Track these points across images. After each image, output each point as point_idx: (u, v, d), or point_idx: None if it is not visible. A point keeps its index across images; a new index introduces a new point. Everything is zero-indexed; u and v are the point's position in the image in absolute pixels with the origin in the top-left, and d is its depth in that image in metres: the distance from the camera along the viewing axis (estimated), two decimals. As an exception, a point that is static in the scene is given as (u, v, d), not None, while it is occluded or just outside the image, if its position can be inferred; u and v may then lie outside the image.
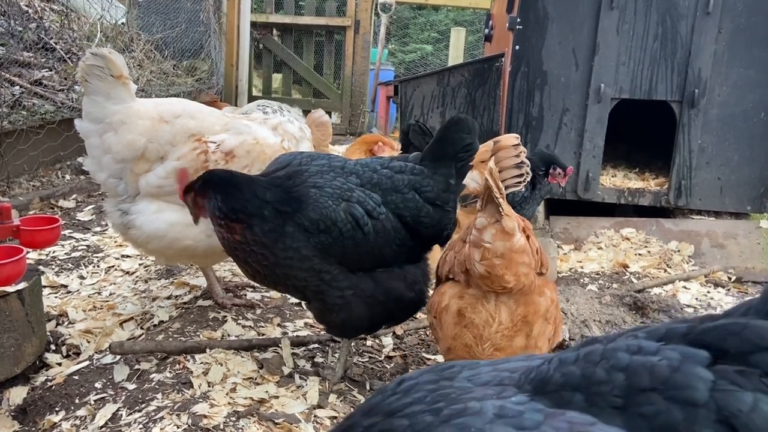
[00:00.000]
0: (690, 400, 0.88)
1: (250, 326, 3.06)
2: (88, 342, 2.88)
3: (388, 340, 3.10)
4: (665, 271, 4.43)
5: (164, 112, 2.97)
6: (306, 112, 4.18)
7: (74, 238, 4.21)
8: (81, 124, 2.92)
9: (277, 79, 11.23)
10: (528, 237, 2.21)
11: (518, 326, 2.23)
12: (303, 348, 2.91)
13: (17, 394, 2.50)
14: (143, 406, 2.31)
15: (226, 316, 3.10)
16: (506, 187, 3.12)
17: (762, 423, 0.84)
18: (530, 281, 2.18)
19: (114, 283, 3.53)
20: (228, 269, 3.78)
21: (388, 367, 2.87)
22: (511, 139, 3.34)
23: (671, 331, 0.96)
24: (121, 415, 2.28)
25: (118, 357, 2.69)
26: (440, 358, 3.00)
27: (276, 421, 2.21)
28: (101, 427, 2.23)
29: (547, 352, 2.41)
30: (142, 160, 2.90)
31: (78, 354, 2.81)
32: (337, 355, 2.75)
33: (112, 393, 2.45)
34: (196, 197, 2.47)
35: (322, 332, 2.95)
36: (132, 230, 2.96)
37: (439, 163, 2.47)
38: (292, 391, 2.46)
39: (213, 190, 2.39)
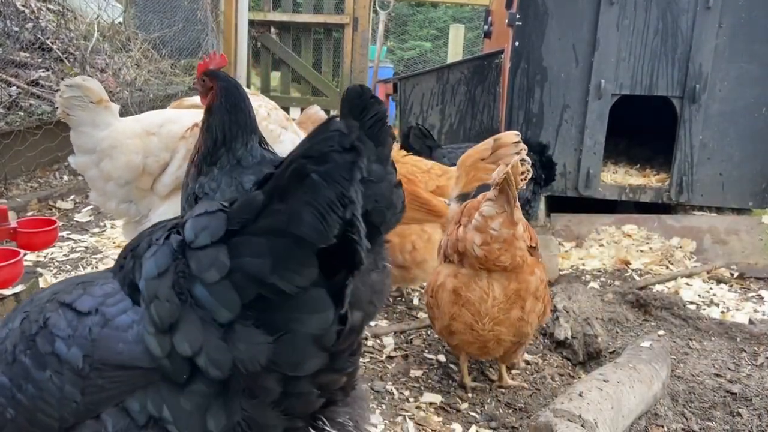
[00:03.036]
0: (138, 255, 1.20)
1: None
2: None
3: (389, 340, 3.08)
4: (667, 267, 4.41)
5: (148, 126, 3.01)
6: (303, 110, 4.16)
7: (72, 239, 4.18)
8: (76, 159, 2.93)
9: (275, 77, 11.18)
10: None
11: (512, 299, 2.43)
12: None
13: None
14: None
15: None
16: None
17: (147, 270, 1.13)
18: (523, 261, 2.40)
19: (113, 285, 3.51)
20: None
21: (390, 367, 2.85)
22: (511, 136, 3.31)
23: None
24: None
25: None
26: (442, 358, 2.98)
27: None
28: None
29: (534, 328, 2.58)
30: (145, 175, 2.93)
31: (77, 357, 2.79)
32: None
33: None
34: (211, 80, 2.53)
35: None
36: None
37: None
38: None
39: (223, 95, 2.43)
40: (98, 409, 1.14)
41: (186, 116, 3.14)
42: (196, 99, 3.53)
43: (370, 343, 3.03)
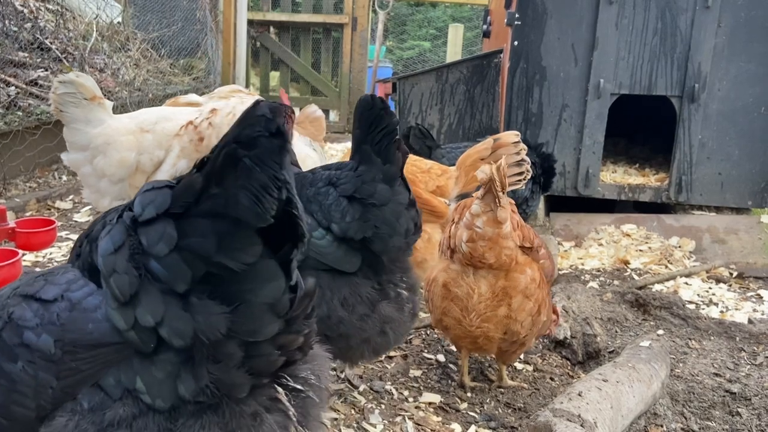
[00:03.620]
0: (94, 238, 1.23)
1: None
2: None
3: (388, 340, 3.08)
4: (666, 267, 4.41)
5: (143, 123, 3.00)
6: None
7: (71, 239, 4.18)
8: (69, 156, 2.93)
9: (274, 77, 11.18)
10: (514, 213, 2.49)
11: (500, 297, 2.46)
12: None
13: (14, 399, 2.47)
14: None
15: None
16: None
17: (103, 247, 1.16)
18: (511, 260, 2.42)
19: (111, 285, 3.50)
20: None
21: (389, 367, 2.85)
22: (511, 136, 3.31)
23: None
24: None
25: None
26: (441, 358, 2.98)
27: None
28: None
29: (529, 330, 2.53)
30: (138, 173, 2.93)
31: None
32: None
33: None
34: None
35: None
36: None
37: (359, 153, 2.18)
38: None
39: None
40: (75, 391, 1.17)
41: (181, 114, 3.14)
42: (192, 97, 3.52)
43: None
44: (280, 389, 1.27)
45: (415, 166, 3.46)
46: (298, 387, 1.31)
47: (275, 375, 1.25)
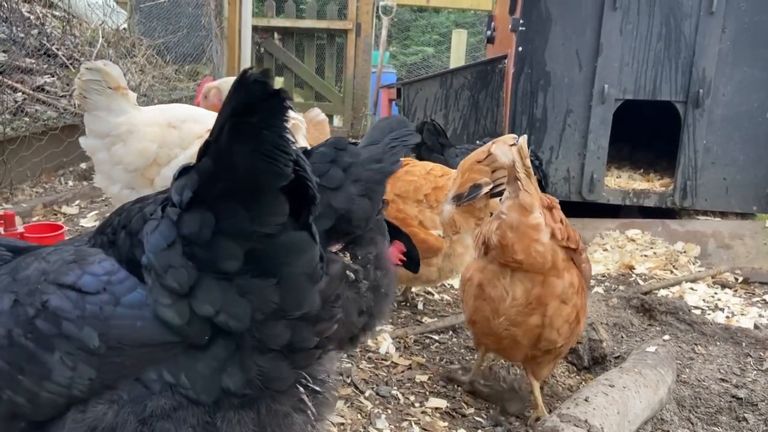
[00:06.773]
0: (134, 232, 1.27)
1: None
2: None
3: (393, 346, 3.08)
4: (671, 272, 4.40)
5: (172, 118, 3.00)
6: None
7: (78, 244, 4.19)
8: (86, 141, 2.94)
9: (278, 82, 11.22)
10: (551, 210, 2.28)
11: (533, 305, 2.30)
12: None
13: (22, 403, 2.48)
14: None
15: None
16: (500, 185, 3.04)
17: (154, 244, 1.16)
18: (544, 259, 2.24)
19: (118, 290, 3.51)
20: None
21: (395, 372, 2.85)
22: (508, 139, 3.29)
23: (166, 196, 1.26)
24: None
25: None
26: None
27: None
28: None
29: (567, 338, 2.42)
30: (154, 165, 2.93)
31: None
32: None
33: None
34: None
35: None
36: None
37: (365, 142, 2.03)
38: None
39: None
40: (115, 384, 1.18)
41: (211, 119, 3.14)
42: None
43: (374, 346, 3.03)
44: (302, 390, 1.32)
45: (413, 173, 3.35)
46: (317, 388, 1.35)
47: (296, 380, 1.29)
